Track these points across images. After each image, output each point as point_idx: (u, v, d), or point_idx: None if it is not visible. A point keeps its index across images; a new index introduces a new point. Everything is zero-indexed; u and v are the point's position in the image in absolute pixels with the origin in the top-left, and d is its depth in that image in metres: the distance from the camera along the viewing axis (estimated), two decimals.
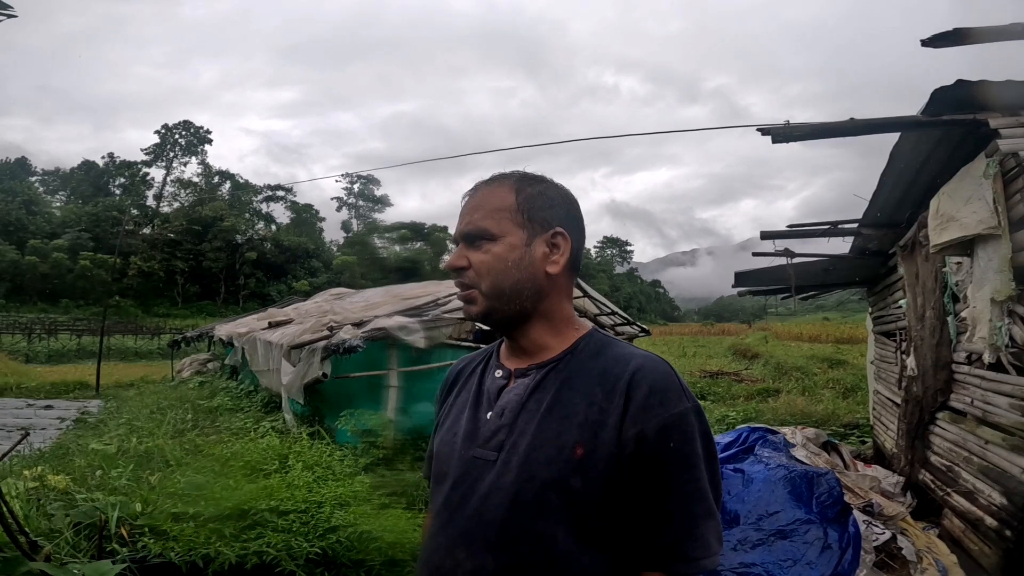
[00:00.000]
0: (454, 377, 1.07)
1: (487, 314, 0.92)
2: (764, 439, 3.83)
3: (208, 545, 2.33)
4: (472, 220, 0.93)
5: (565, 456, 0.82)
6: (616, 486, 0.81)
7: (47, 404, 11.03)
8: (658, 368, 0.86)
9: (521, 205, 0.92)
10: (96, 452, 4.80)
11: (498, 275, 0.90)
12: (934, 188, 3.76)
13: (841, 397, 9.66)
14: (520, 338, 0.95)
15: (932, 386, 4.05)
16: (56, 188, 63.68)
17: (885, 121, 3.37)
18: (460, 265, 0.93)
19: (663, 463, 0.81)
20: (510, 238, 0.91)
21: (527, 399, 0.89)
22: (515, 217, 0.92)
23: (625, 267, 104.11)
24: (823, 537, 2.83)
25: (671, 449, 0.81)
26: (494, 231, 0.91)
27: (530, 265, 0.91)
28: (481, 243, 0.91)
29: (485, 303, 0.91)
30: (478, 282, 0.91)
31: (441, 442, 0.97)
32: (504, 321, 0.94)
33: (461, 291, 0.93)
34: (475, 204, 0.94)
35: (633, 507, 0.82)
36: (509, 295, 0.91)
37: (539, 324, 0.94)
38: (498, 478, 0.85)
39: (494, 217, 0.91)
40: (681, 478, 0.82)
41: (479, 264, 0.91)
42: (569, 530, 0.81)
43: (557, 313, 0.95)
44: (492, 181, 0.96)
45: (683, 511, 0.81)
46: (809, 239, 5.80)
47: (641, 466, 0.81)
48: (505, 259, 0.90)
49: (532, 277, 0.91)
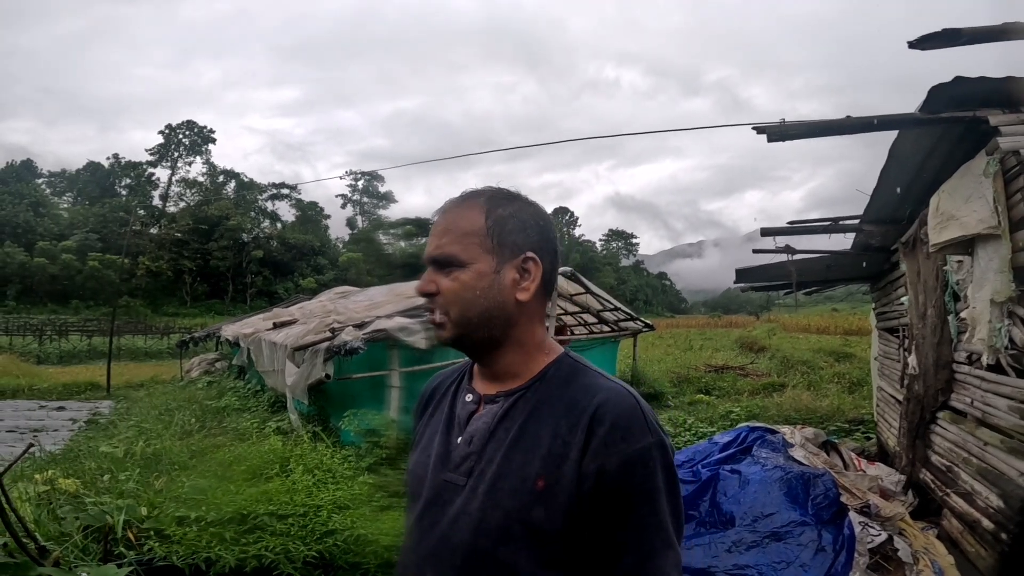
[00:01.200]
0: (429, 394, 1.08)
1: (455, 341, 0.92)
2: (763, 439, 3.84)
3: (209, 548, 2.38)
4: (440, 244, 0.91)
5: (528, 488, 0.84)
6: (577, 517, 0.83)
7: (59, 405, 11.19)
8: (622, 402, 0.86)
9: (491, 229, 0.90)
10: (105, 455, 4.89)
11: (465, 304, 0.89)
12: (935, 184, 3.73)
13: (847, 392, 9.62)
14: (491, 364, 0.95)
15: (933, 385, 4.04)
16: (63, 190, 64.27)
17: (882, 119, 3.34)
18: (429, 291, 0.91)
19: (624, 497, 0.83)
20: (478, 265, 0.89)
21: (495, 427, 0.91)
22: (484, 242, 0.90)
23: (631, 260, 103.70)
24: (817, 539, 2.85)
25: (632, 484, 0.83)
26: (462, 257, 0.89)
27: (499, 292, 0.90)
28: (450, 269, 0.90)
29: (453, 331, 0.91)
30: (447, 308, 0.90)
31: (416, 462, 0.99)
32: (473, 348, 0.94)
33: (432, 315, 0.93)
34: (444, 227, 0.92)
35: (594, 537, 0.84)
36: (477, 323, 0.90)
37: (509, 351, 0.94)
38: (465, 504, 0.88)
39: (462, 242, 0.90)
40: (641, 511, 0.83)
41: (447, 290, 0.90)
42: (531, 557, 0.83)
43: (527, 339, 0.94)
44: (463, 200, 0.94)
45: (642, 543, 0.83)
46: (810, 235, 5.77)
47: (601, 499, 0.83)
48: (473, 287, 0.89)
49: (501, 305, 0.90)
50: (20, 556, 1.91)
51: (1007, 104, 2.96)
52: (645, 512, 0.83)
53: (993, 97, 2.98)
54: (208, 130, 66.07)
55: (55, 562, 2.01)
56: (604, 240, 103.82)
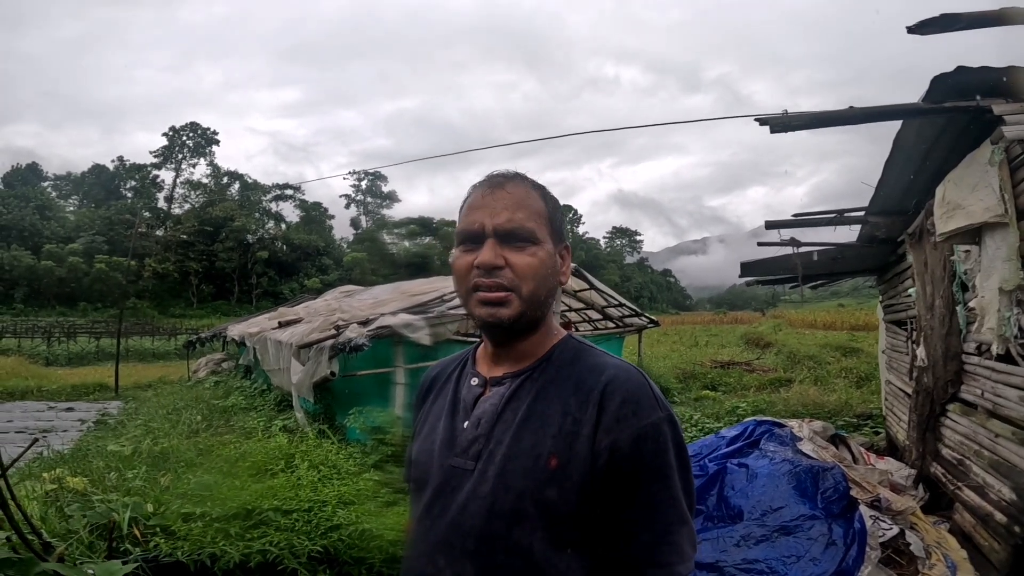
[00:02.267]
0: (429, 383, 1.07)
1: (518, 319, 0.88)
2: (770, 433, 3.81)
3: (214, 544, 2.39)
4: (515, 218, 0.88)
5: (540, 467, 0.83)
6: (591, 495, 0.83)
7: (68, 406, 11.26)
8: (631, 378, 0.87)
9: (551, 214, 0.94)
10: (113, 454, 4.92)
11: (539, 281, 0.89)
12: (941, 174, 3.69)
13: (855, 386, 9.54)
14: (516, 345, 0.94)
15: (942, 377, 4.00)
16: (68, 192, 64.74)
17: (886, 109, 3.31)
18: (498, 264, 0.87)
19: (637, 473, 0.82)
20: (547, 245, 0.91)
21: (503, 409, 0.90)
22: (547, 225, 0.92)
23: (635, 257, 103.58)
24: (827, 533, 2.82)
25: (644, 459, 0.82)
26: (538, 235, 0.90)
27: (556, 275, 0.93)
28: (525, 245, 0.89)
29: (520, 307, 0.88)
30: (518, 284, 0.87)
31: (419, 450, 0.98)
32: (526, 327, 0.92)
33: (492, 292, 0.87)
34: (514, 201, 0.90)
35: (608, 515, 0.83)
36: (541, 301, 0.91)
37: (539, 331, 0.95)
38: (475, 487, 0.87)
39: (536, 221, 0.90)
40: (654, 487, 0.83)
41: (524, 267, 0.88)
42: (545, 538, 0.83)
43: (550, 320, 0.97)
44: (518, 179, 0.94)
45: (657, 519, 0.82)
46: (815, 228, 5.72)
47: (615, 476, 0.82)
48: (547, 265, 0.90)
49: (556, 287, 0.94)
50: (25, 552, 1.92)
51: (1009, 93, 2.93)
52: (658, 488, 0.83)
53: (996, 86, 2.95)
54: (211, 132, 66.52)
55: (59, 558, 2.01)
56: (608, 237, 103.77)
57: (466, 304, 0.92)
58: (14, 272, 44.54)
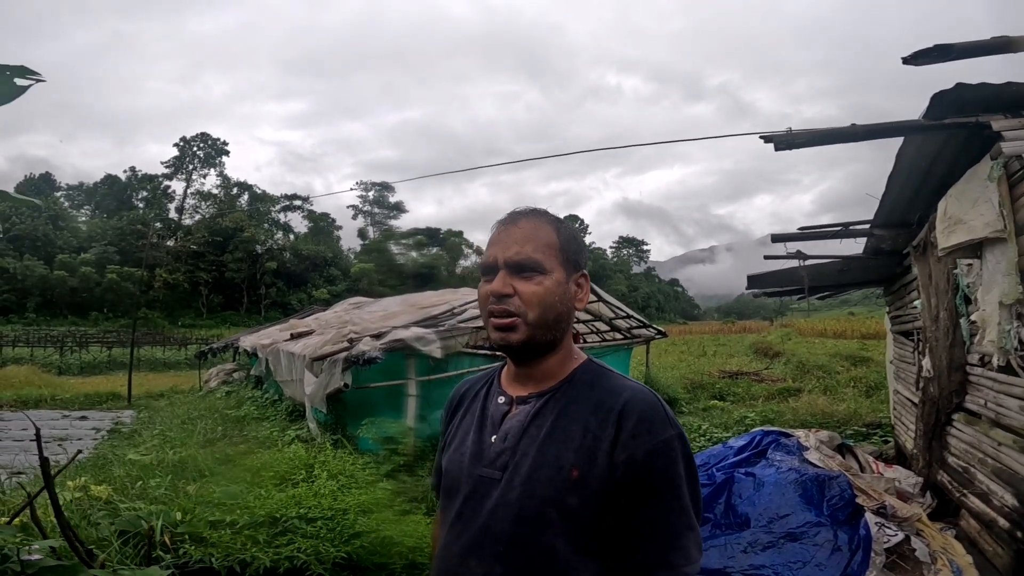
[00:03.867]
0: (458, 399, 1.19)
1: (526, 342, 1.00)
2: (777, 442, 3.88)
3: (244, 551, 2.49)
4: (523, 251, 1.00)
5: (563, 477, 0.94)
6: (608, 503, 0.94)
7: (82, 415, 11.39)
8: (646, 399, 0.98)
9: (563, 245, 1.03)
10: (134, 462, 5.03)
11: (547, 307, 0.99)
12: (943, 188, 3.77)
13: (864, 396, 9.52)
14: (536, 366, 1.05)
15: (947, 387, 4.05)
16: (81, 203, 65.57)
17: (887, 126, 3.40)
18: (507, 292, 0.99)
19: (650, 484, 0.94)
20: (556, 274, 1.01)
21: (528, 425, 1.01)
22: (559, 255, 1.02)
23: (642, 267, 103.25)
24: (833, 539, 2.88)
25: (657, 471, 0.94)
26: (546, 265, 1.00)
27: (568, 300, 1.03)
28: (532, 275, 0.99)
29: (528, 332, 0.99)
30: (524, 311, 0.99)
31: (450, 460, 1.09)
32: (536, 349, 1.02)
33: (500, 318, 0.99)
34: (523, 235, 1.01)
35: (623, 522, 0.94)
36: (550, 325, 1.00)
37: (555, 354, 1.05)
38: (503, 495, 0.98)
39: (544, 252, 1.01)
40: (665, 496, 0.94)
41: (530, 295, 0.99)
42: (567, 542, 0.94)
43: (567, 344, 1.07)
44: (532, 215, 1.05)
45: (667, 525, 0.94)
46: (821, 241, 5.80)
47: (630, 486, 0.93)
48: (554, 293, 1.00)
49: (568, 312, 1.03)
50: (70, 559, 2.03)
51: (1008, 109, 3.01)
52: (669, 497, 0.94)
53: (995, 102, 3.03)
54: (221, 142, 67.27)
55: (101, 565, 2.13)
56: (615, 247, 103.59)
57: (486, 328, 1.05)
58: (27, 282, 45.15)
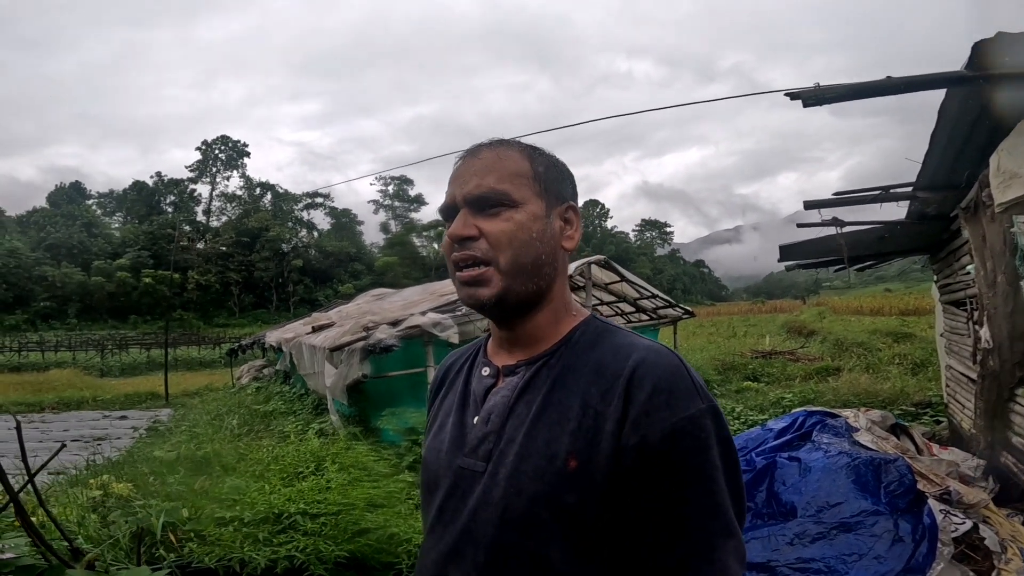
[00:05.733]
0: (442, 375, 0.97)
1: (502, 296, 0.78)
2: (823, 423, 3.59)
3: (243, 550, 2.36)
4: (484, 183, 0.79)
5: (556, 468, 0.72)
6: (616, 501, 0.71)
7: (122, 415, 11.80)
8: (664, 362, 0.74)
9: (537, 173, 0.82)
10: (158, 459, 5.06)
11: (521, 247, 0.78)
12: (992, 144, 3.43)
13: (910, 373, 9.03)
14: (520, 327, 0.82)
15: (1010, 359, 3.70)
16: (112, 209, 67.79)
17: (926, 78, 3.07)
18: (470, 234, 0.78)
19: (672, 475, 0.70)
20: (531, 206, 0.80)
21: (515, 402, 0.79)
22: (532, 185, 0.81)
23: (666, 249, 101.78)
24: (893, 529, 2.61)
25: (681, 459, 0.70)
26: (515, 196, 0.79)
27: (551, 238, 0.81)
28: (499, 210, 0.78)
29: (502, 282, 0.78)
30: (494, 256, 0.78)
31: (429, 449, 0.88)
32: (517, 305, 0.80)
33: (466, 270, 0.79)
34: (484, 166, 0.81)
35: (638, 524, 0.71)
36: (530, 272, 0.79)
37: (544, 309, 0.82)
38: (486, 492, 0.76)
39: (512, 182, 0.79)
40: (694, 491, 0.70)
41: (498, 233, 0.78)
42: (564, 549, 0.71)
43: (560, 297, 0.84)
44: (497, 144, 0.84)
45: (696, 530, 0.69)
46: (859, 207, 5.39)
47: (645, 479, 0.70)
48: (529, 228, 0.79)
49: (552, 252, 0.81)
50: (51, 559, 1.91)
51: None
52: (699, 493, 0.70)
53: None
54: (242, 144, 68.47)
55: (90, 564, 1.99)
56: (637, 230, 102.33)
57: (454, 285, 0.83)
58: (66, 289, 46.95)
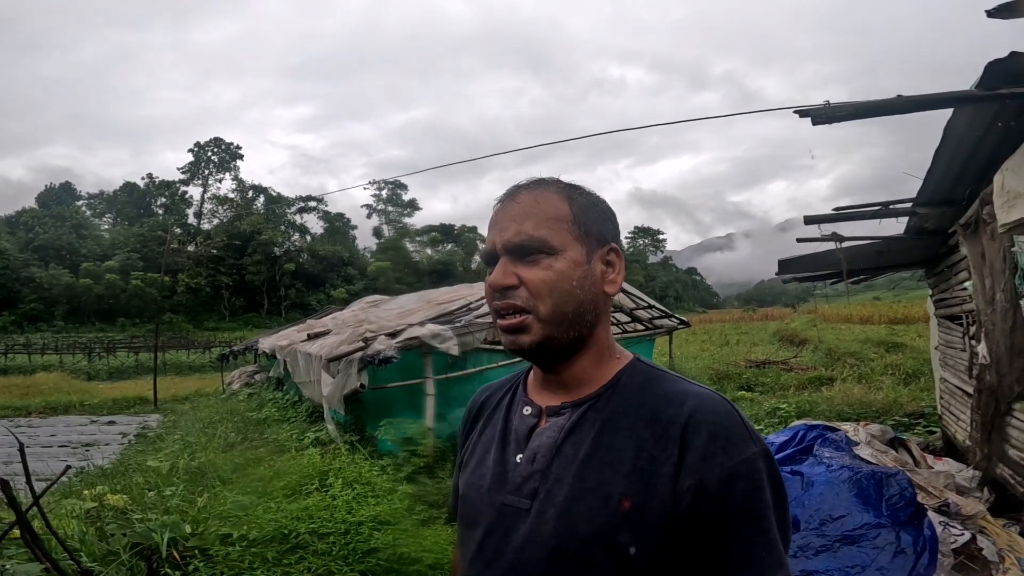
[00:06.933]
0: (477, 409, 0.97)
1: (543, 343, 0.78)
2: (823, 437, 3.62)
3: (252, 570, 2.33)
4: (523, 230, 0.78)
5: (610, 509, 0.73)
6: (670, 542, 0.72)
7: (110, 420, 11.57)
8: (718, 409, 0.76)
9: (577, 216, 0.81)
10: (152, 470, 4.96)
11: (561, 296, 0.78)
12: (994, 162, 3.49)
13: (902, 384, 9.13)
14: (563, 371, 0.83)
15: (1008, 375, 3.75)
16: (102, 211, 67.01)
17: (937, 97, 3.12)
18: (511, 284, 0.78)
19: (728, 516, 0.72)
20: (571, 253, 0.79)
21: (562, 442, 0.80)
22: (572, 229, 0.80)
23: (659, 256, 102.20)
24: (895, 541, 2.64)
25: (738, 501, 0.72)
26: (554, 243, 0.78)
27: (593, 284, 0.80)
28: (538, 257, 0.78)
29: (543, 331, 0.78)
30: (534, 304, 0.77)
31: (467, 484, 0.89)
32: (558, 351, 0.81)
33: (507, 318, 0.79)
34: (522, 211, 0.80)
35: (692, 562, 0.73)
36: (571, 320, 0.79)
37: (586, 354, 0.83)
38: (533, 530, 0.76)
39: (551, 227, 0.78)
40: (749, 530, 0.72)
41: (538, 283, 0.77)
42: None
43: (603, 341, 0.84)
44: (534, 185, 0.83)
45: (752, 566, 0.72)
46: (857, 221, 5.46)
47: (701, 520, 0.72)
48: (570, 277, 0.78)
49: (594, 299, 0.80)
50: None
51: None
52: (753, 531, 0.72)
53: None
54: (235, 146, 68.07)
55: None
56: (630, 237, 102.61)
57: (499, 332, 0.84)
58: (54, 291, 46.32)
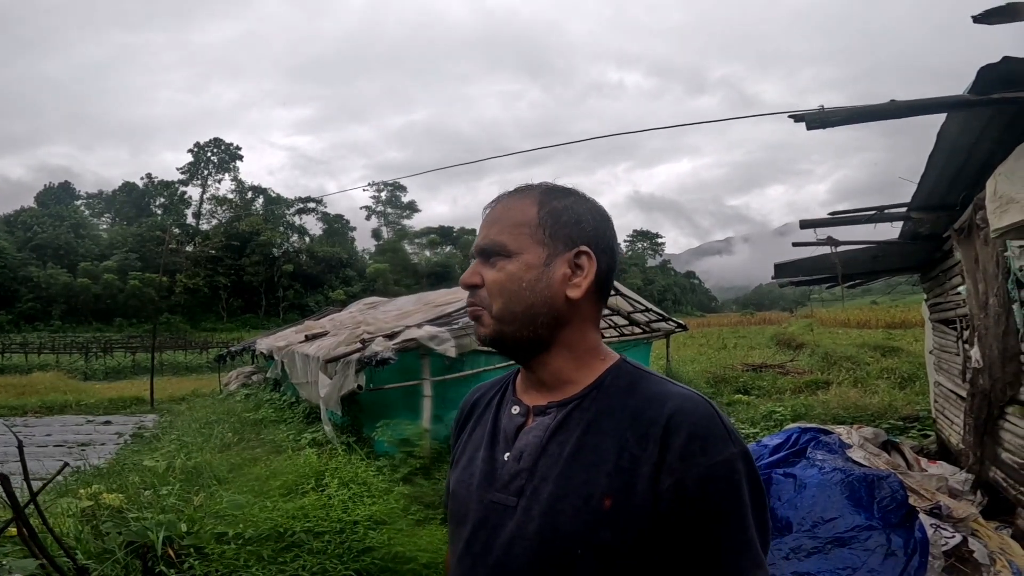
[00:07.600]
0: (468, 409, 1.01)
1: (494, 338, 0.85)
2: (817, 440, 3.64)
3: (247, 569, 2.34)
4: (488, 234, 0.86)
5: (592, 507, 0.76)
6: (651, 539, 0.75)
7: (106, 420, 11.55)
8: (698, 409, 0.78)
9: (543, 220, 0.85)
10: (148, 469, 4.96)
11: (509, 296, 0.83)
12: (989, 167, 3.52)
13: (897, 388, 9.16)
14: (538, 369, 0.87)
15: (1000, 379, 3.78)
16: (101, 211, 66.86)
17: (930, 102, 3.15)
18: (474, 283, 0.86)
19: (706, 515, 0.74)
20: (526, 255, 0.84)
21: (548, 441, 0.83)
22: (534, 233, 0.84)
23: (657, 259, 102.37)
24: (886, 543, 2.66)
25: (716, 501, 0.74)
26: (510, 247, 0.84)
27: (547, 287, 0.83)
28: (496, 260, 0.85)
29: (493, 326, 0.85)
30: (488, 302, 0.84)
31: (458, 481, 0.92)
32: (515, 347, 0.86)
33: (471, 308, 0.88)
34: (494, 217, 0.87)
35: (672, 560, 0.75)
36: (522, 319, 0.83)
37: (558, 355, 0.86)
38: (519, 527, 0.80)
39: (511, 232, 0.84)
40: (726, 530, 0.75)
41: (491, 283, 0.84)
42: None
43: (579, 343, 0.86)
44: (515, 193, 0.89)
45: (728, 565, 0.75)
46: (853, 225, 5.50)
47: (680, 520, 0.75)
48: (519, 279, 0.83)
49: (548, 300, 0.83)
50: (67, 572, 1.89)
51: None
52: (732, 531, 0.75)
53: None
54: (235, 147, 67.99)
55: None
56: (629, 241, 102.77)
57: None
58: (51, 290, 46.22)
